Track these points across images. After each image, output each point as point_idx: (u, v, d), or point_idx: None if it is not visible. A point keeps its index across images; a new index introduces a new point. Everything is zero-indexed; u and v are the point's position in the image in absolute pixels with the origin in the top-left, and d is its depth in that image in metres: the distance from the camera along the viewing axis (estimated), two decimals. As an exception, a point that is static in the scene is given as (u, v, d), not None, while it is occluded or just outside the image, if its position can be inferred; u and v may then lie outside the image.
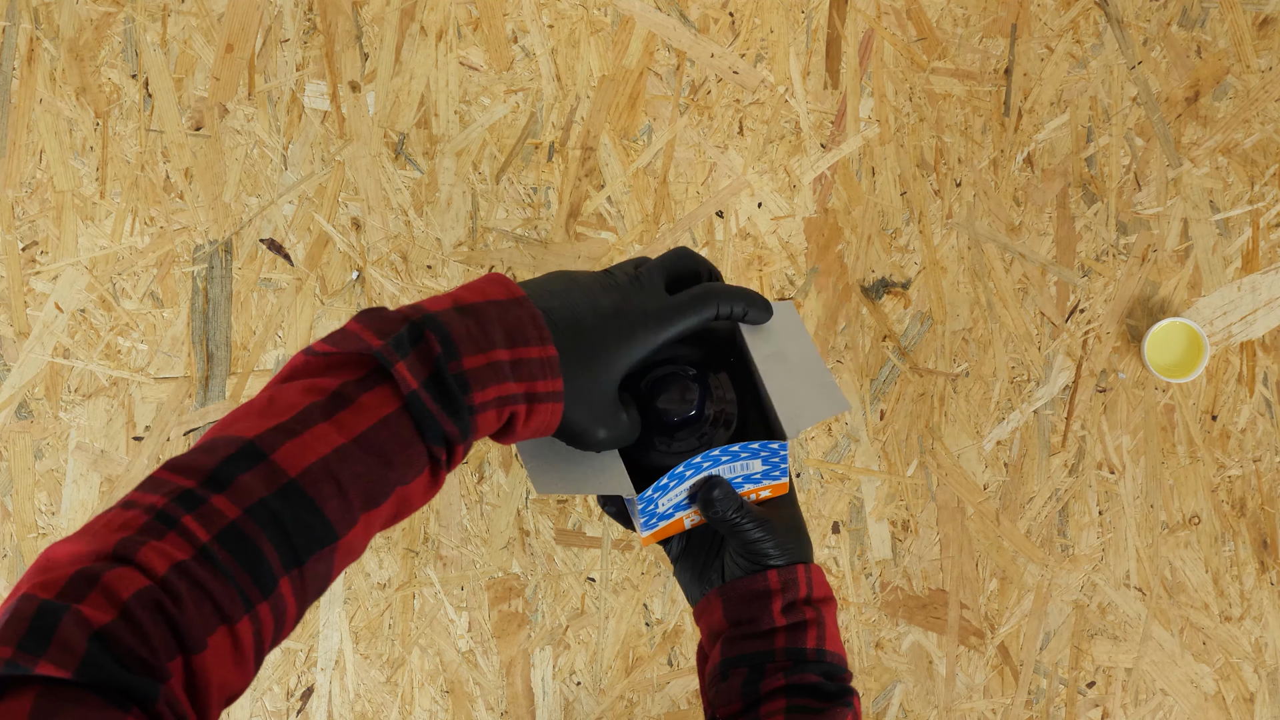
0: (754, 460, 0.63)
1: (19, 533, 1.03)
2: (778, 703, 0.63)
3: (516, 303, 0.55)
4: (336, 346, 0.51)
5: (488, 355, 0.52)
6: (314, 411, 0.49)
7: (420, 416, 0.50)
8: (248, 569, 0.44)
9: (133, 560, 0.42)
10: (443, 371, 0.51)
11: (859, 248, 1.03)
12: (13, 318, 1.04)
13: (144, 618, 0.40)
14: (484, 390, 0.52)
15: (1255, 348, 1.03)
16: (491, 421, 0.53)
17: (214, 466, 0.46)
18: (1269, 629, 1.01)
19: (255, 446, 0.47)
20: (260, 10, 1.06)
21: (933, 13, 1.05)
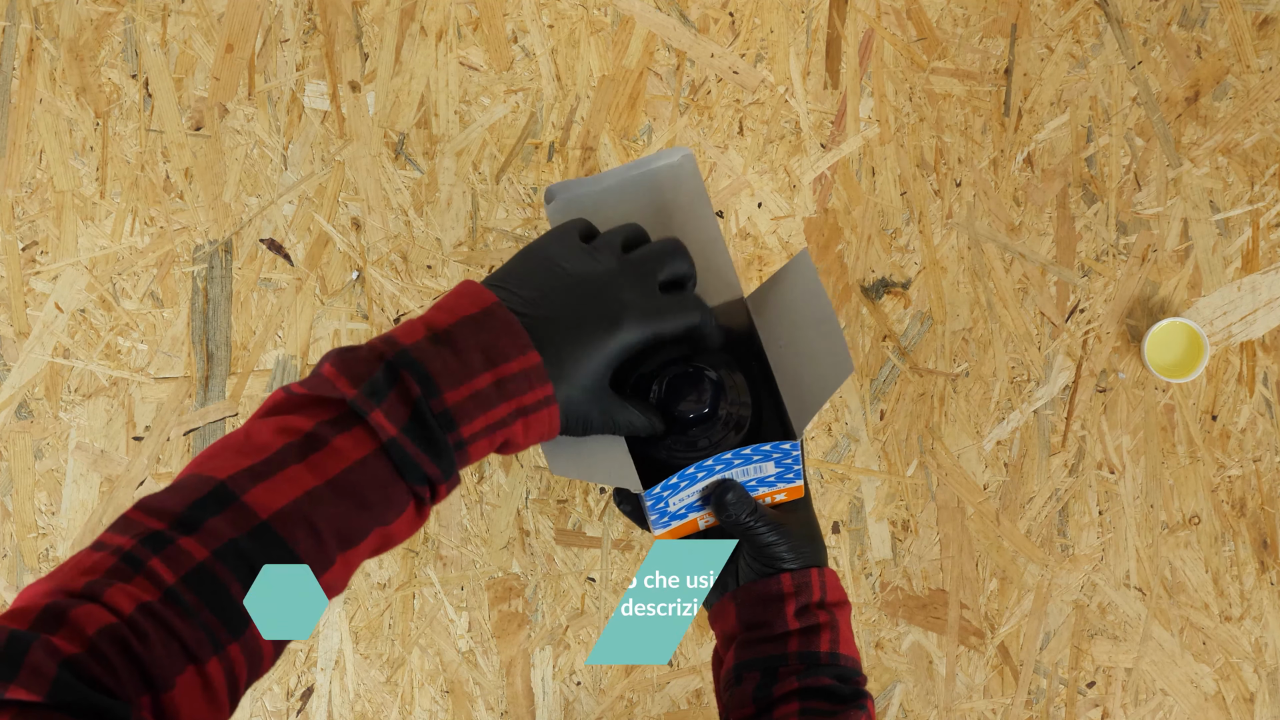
0: (766, 463, 0.63)
1: (19, 533, 1.03)
2: (791, 706, 0.62)
3: (488, 313, 0.53)
4: (311, 390, 0.50)
5: (469, 385, 0.50)
6: (288, 453, 0.48)
7: (400, 460, 0.49)
8: (215, 611, 0.44)
9: (99, 599, 0.42)
10: (424, 413, 0.49)
11: (859, 248, 1.03)
12: (13, 318, 1.04)
13: (110, 652, 0.40)
14: (470, 423, 0.51)
15: (1255, 348, 1.03)
16: (483, 448, 0.52)
17: (183, 508, 0.45)
18: (1269, 629, 1.01)
19: (226, 488, 0.46)
20: (260, 10, 1.06)
21: (933, 13, 1.05)
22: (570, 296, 0.56)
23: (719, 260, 0.68)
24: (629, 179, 0.69)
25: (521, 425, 0.53)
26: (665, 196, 0.69)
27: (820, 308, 0.61)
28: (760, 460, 0.62)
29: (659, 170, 0.70)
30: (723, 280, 0.67)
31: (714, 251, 0.68)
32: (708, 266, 0.66)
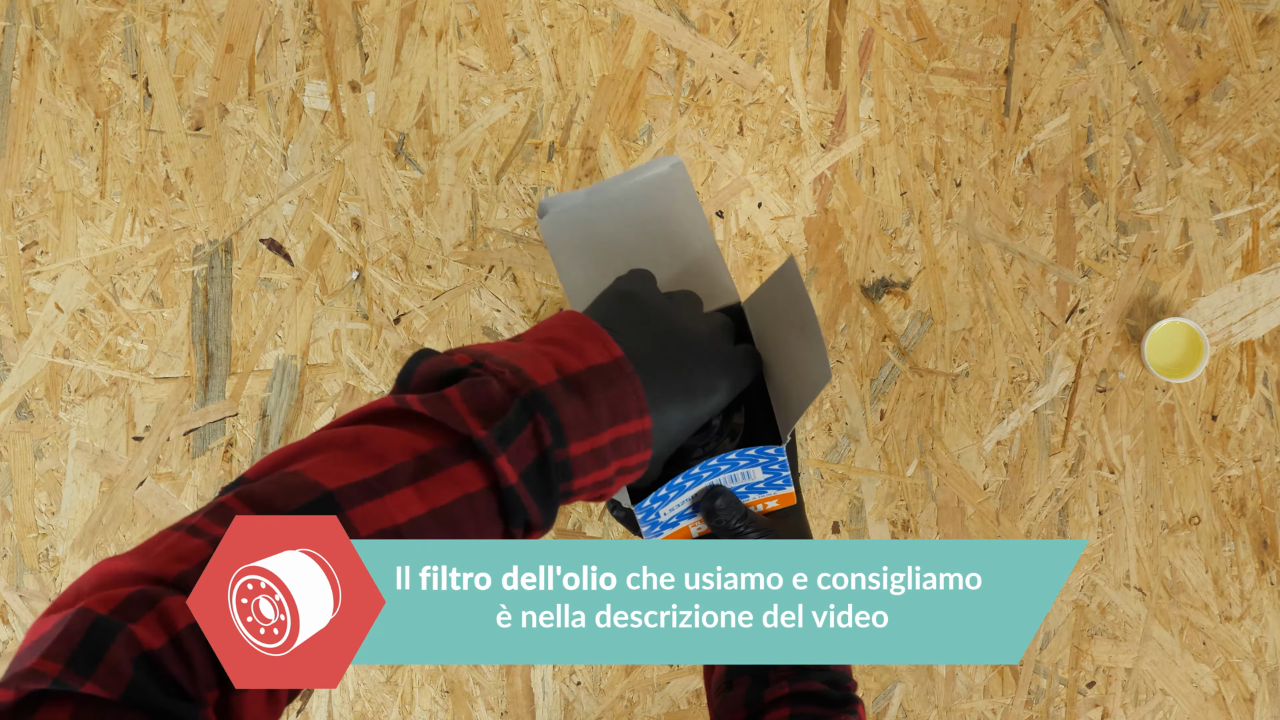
0: (754, 469, 0.63)
1: (19, 533, 1.03)
2: (782, 711, 0.62)
3: (617, 368, 0.52)
4: (433, 413, 0.48)
5: (592, 441, 0.50)
6: (401, 473, 0.46)
7: (511, 505, 0.48)
8: None
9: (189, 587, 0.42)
10: (549, 462, 0.48)
11: (859, 248, 1.03)
12: (13, 318, 1.04)
13: (194, 649, 0.40)
14: (584, 477, 0.50)
15: (1255, 348, 1.03)
16: (582, 499, 0.52)
17: (294, 508, 0.44)
18: (1269, 629, 1.01)
19: (334, 500, 0.45)
20: (260, 10, 1.06)
21: (933, 13, 1.05)
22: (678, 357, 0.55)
23: (715, 267, 0.68)
24: (620, 191, 0.69)
25: (620, 482, 0.53)
26: (658, 207, 0.69)
27: (803, 313, 0.61)
28: (747, 466, 0.62)
29: (650, 180, 0.69)
30: (719, 286, 0.67)
31: (709, 259, 0.68)
32: (703, 273, 0.66)
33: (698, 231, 0.68)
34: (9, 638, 1.03)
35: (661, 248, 0.69)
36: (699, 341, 0.57)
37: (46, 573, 1.03)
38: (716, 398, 0.56)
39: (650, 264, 0.65)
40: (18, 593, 1.03)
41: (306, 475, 0.45)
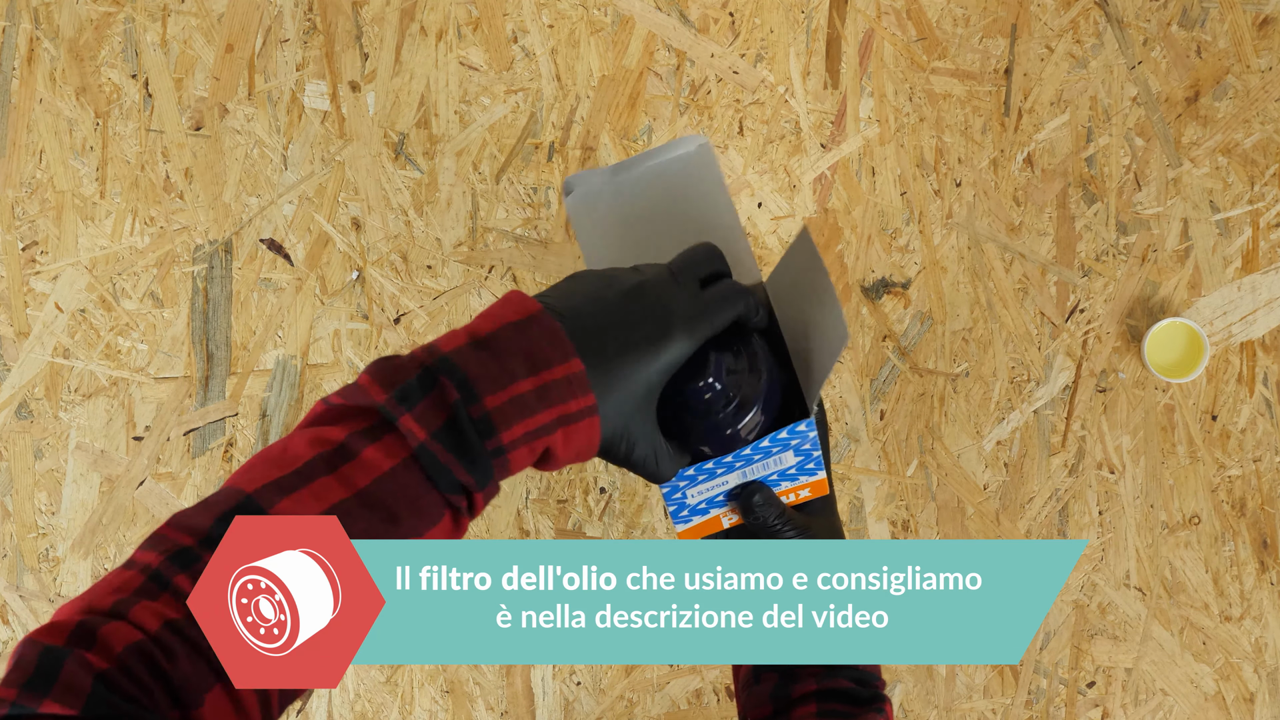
0: (785, 453, 0.62)
1: (19, 533, 1.03)
2: (809, 708, 0.62)
3: (533, 319, 0.51)
4: (347, 400, 0.49)
5: (509, 390, 0.49)
6: (318, 465, 0.47)
7: (431, 468, 0.48)
8: None
9: (126, 617, 0.42)
10: (460, 418, 0.48)
11: (859, 248, 1.03)
12: (13, 318, 1.04)
13: (139, 670, 0.40)
14: (510, 429, 0.49)
15: (1255, 348, 1.03)
16: (524, 457, 0.50)
17: (210, 524, 0.45)
18: (1269, 629, 1.01)
19: (253, 502, 0.46)
20: (260, 10, 1.06)
21: (933, 13, 1.05)
22: (618, 304, 0.53)
23: (737, 246, 0.68)
24: (646, 169, 0.69)
25: (562, 435, 0.51)
26: (683, 185, 0.70)
27: (818, 280, 0.60)
28: (780, 451, 0.61)
29: (676, 159, 0.70)
30: (742, 266, 0.67)
31: (733, 238, 0.68)
32: (726, 253, 0.66)
33: (722, 212, 0.69)
34: (9, 637, 1.03)
35: (686, 226, 0.70)
36: (643, 289, 0.55)
37: (46, 573, 1.03)
38: (674, 343, 0.53)
39: (674, 242, 0.65)
40: (18, 593, 1.03)
41: (230, 487, 0.46)
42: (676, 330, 0.53)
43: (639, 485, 1.03)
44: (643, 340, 0.53)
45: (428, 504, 0.48)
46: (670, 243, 0.66)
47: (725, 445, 0.60)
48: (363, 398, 0.49)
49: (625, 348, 0.52)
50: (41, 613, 1.02)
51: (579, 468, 1.02)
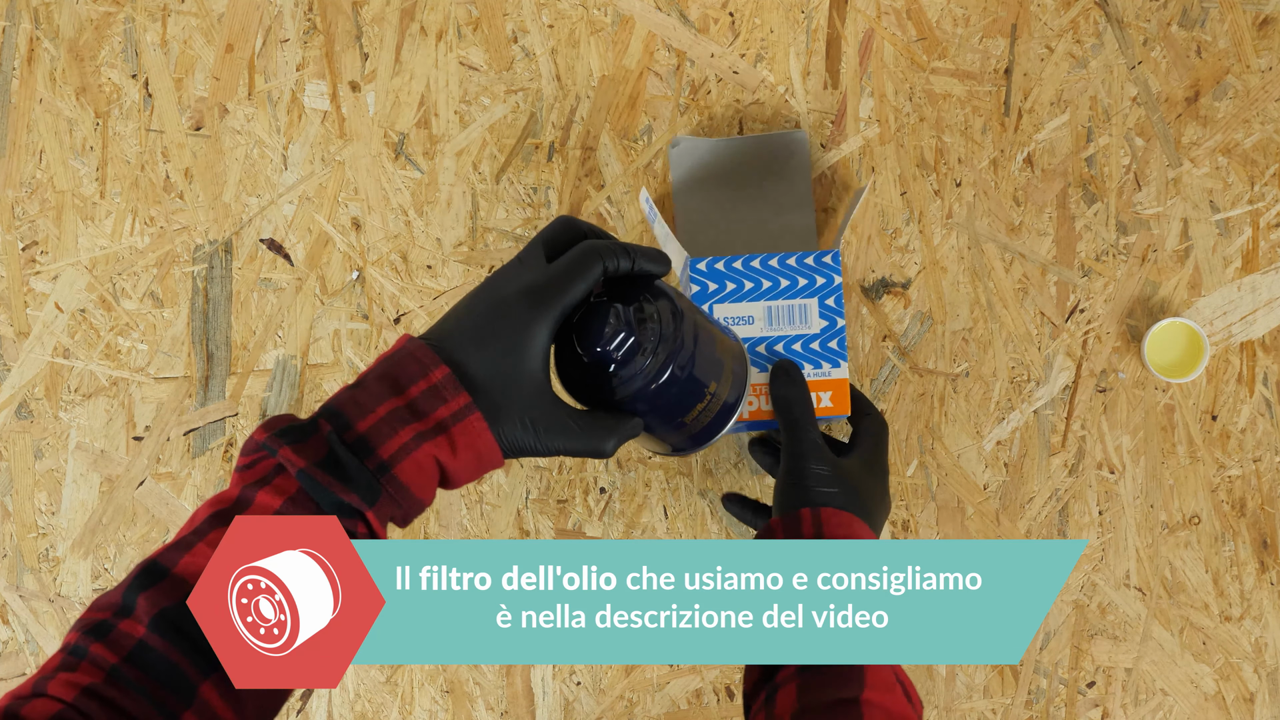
0: (809, 299, 0.63)
1: (19, 533, 1.03)
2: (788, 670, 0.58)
3: (401, 348, 0.53)
4: (241, 455, 0.52)
5: (378, 411, 0.50)
6: (214, 521, 0.48)
7: (313, 490, 0.49)
8: (161, 681, 0.44)
9: (45, 694, 0.43)
10: (334, 445, 0.49)
11: (859, 248, 1.03)
12: (13, 318, 1.04)
13: None
14: (385, 444, 0.50)
15: (1255, 348, 1.03)
16: (413, 470, 0.51)
17: (121, 595, 0.46)
18: (1269, 629, 1.01)
19: (157, 564, 0.47)
20: (260, 10, 1.06)
21: (933, 13, 1.05)
22: (468, 306, 0.54)
23: (805, 236, 0.74)
24: (746, 141, 0.76)
25: (447, 439, 0.51)
26: (774, 159, 0.78)
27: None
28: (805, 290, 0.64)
29: (775, 138, 0.77)
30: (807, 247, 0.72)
31: (802, 214, 0.75)
32: (785, 232, 0.72)
33: (800, 201, 0.75)
34: (8, 637, 1.03)
35: (763, 203, 0.77)
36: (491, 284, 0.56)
37: (46, 573, 1.03)
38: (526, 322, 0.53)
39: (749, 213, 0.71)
40: (18, 593, 1.03)
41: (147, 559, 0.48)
42: (523, 309, 0.53)
43: (639, 485, 1.03)
44: (499, 330, 0.53)
45: None
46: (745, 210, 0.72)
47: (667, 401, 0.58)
48: (250, 444, 0.51)
49: (483, 342, 0.53)
50: (41, 613, 1.03)
51: (579, 468, 1.02)
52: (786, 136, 0.76)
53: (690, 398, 0.57)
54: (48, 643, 1.02)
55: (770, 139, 0.78)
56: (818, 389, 0.67)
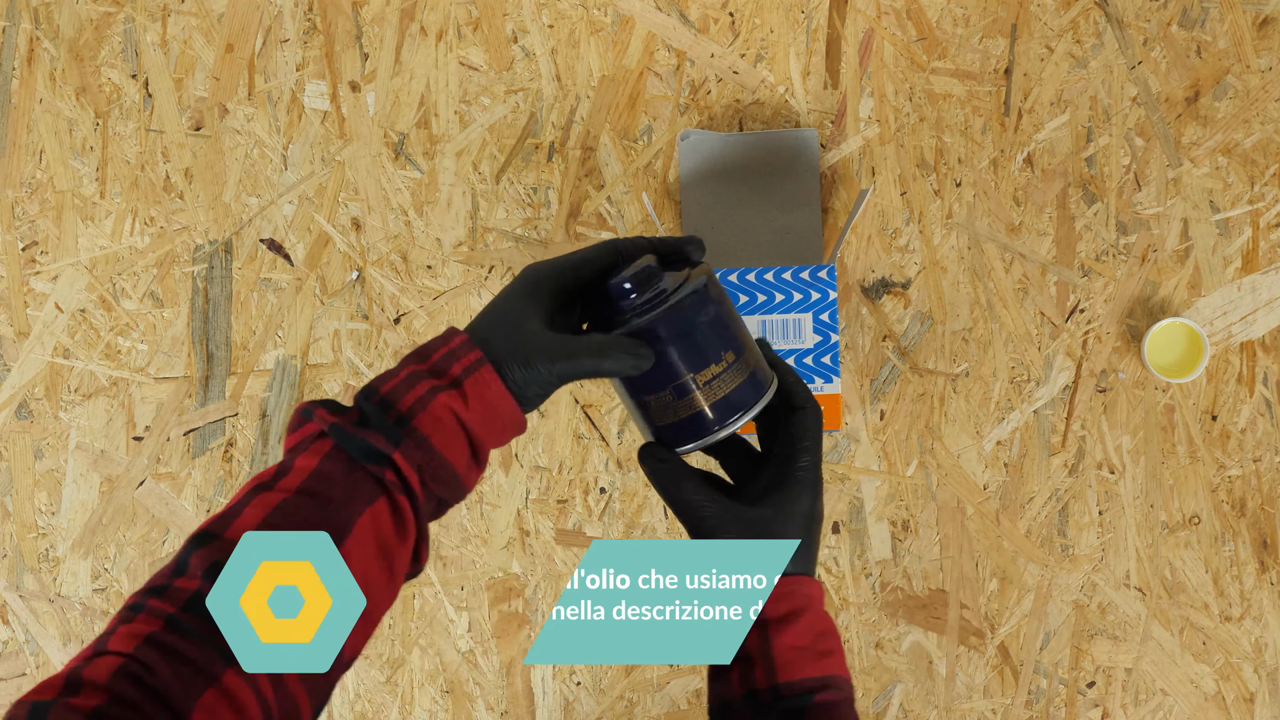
0: (804, 315, 0.63)
1: (19, 533, 1.03)
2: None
3: (438, 335, 0.57)
4: (288, 431, 0.55)
5: (400, 374, 0.55)
6: (256, 490, 0.51)
7: (343, 440, 0.52)
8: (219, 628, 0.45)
9: (105, 650, 0.44)
10: (361, 405, 0.54)
11: (859, 248, 1.03)
12: (13, 318, 1.04)
13: (128, 690, 0.42)
14: (403, 399, 0.54)
15: (1255, 348, 1.03)
16: (431, 422, 0.54)
17: (173, 563, 0.48)
18: (1269, 629, 1.01)
19: (206, 533, 0.49)
20: (260, 10, 1.06)
21: (933, 13, 1.05)
22: (499, 298, 0.59)
23: (810, 233, 0.74)
24: (756, 138, 0.76)
25: (459, 393, 0.55)
26: (781, 157, 0.78)
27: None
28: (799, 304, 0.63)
29: (784, 135, 0.77)
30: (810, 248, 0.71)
31: (808, 212, 0.74)
32: (789, 229, 0.71)
33: (807, 199, 0.75)
34: (8, 637, 1.03)
35: (770, 199, 0.77)
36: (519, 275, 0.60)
37: (46, 573, 1.03)
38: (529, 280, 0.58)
39: (755, 208, 0.71)
40: (18, 593, 1.03)
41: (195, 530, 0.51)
42: (529, 277, 0.58)
43: (639, 485, 1.03)
44: (509, 299, 0.58)
45: (355, 480, 0.52)
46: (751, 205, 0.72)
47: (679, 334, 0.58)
48: (294, 417, 0.55)
49: (496, 311, 0.57)
50: (41, 613, 1.02)
51: (579, 468, 1.02)
52: (795, 134, 0.77)
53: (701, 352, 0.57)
54: (48, 643, 1.02)
55: (779, 136, 0.78)
56: None
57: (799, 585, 0.58)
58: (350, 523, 0.50)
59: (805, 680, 0.56)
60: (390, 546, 0.52)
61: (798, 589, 0.58)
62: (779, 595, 0.57)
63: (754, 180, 0.80)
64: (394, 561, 0.53)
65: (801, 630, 0.57)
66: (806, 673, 0.56)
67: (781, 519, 0.58)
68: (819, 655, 0.57)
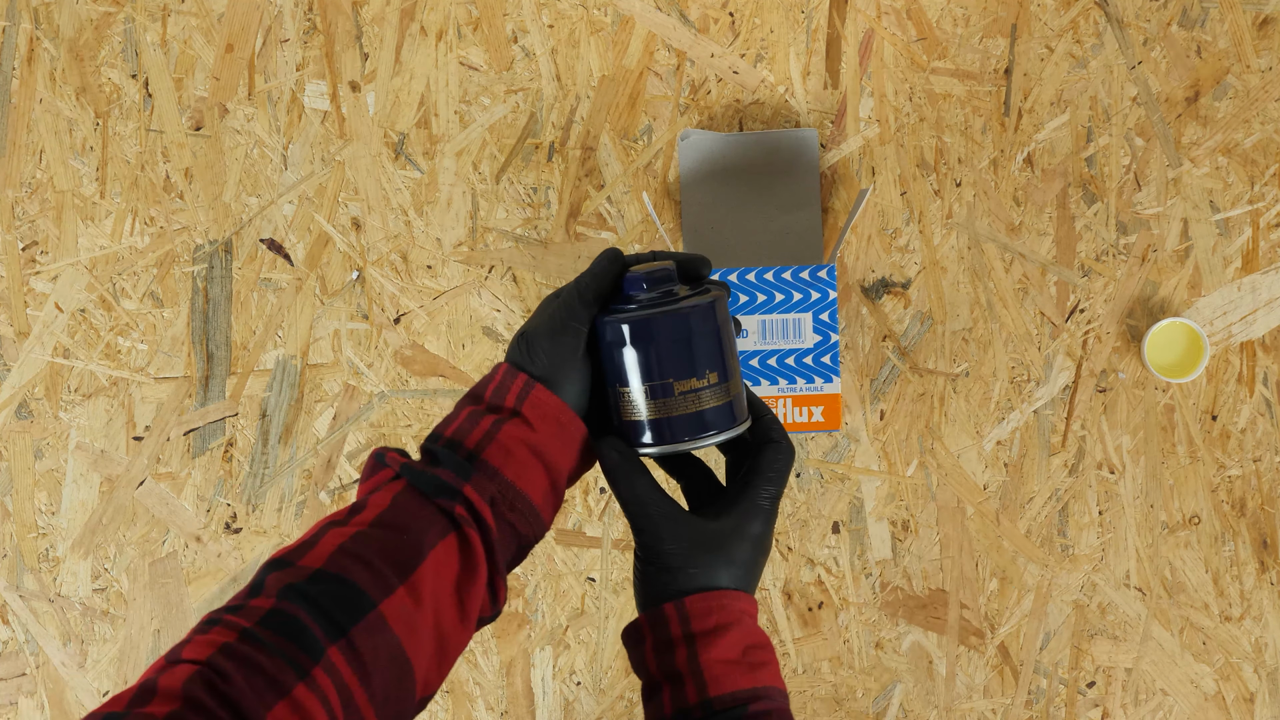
0: (804, 314, 0.63)
1: (19, 533, 1.03)
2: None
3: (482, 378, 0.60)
4: (360, 482, 0.58)
5: (459, 417, 0.58)
6: (329, 526, 0.53)
7: (415, 478, 0.54)
8: (291, 638, 0.47)
9: (180, 659, 0.45)
10: (429, 449, 0.57)
11: (859, 248, 1.03)
12: (13, 318, 1.04)
13: (202, 697, 0.43)
14: (469, 436, 0.56)
15: (1255, 348, 1.03)
16: (501, 453, 0.56)
17: (249, 585, 0.50)
18: (1269, 629, 1.01)
19: (282, 560, 0.51)
20: (260, 10, 1.06)
21: (933, 13, 1.05)
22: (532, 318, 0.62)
23: (811, 232, 0.74)
24: (756, 139, 0.76)
25: (521, 421, 0.57)
26: (781, 157, 0.78)
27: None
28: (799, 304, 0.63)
29: (784, 135, 0.78)
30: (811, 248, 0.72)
31: (808, 212, 0.75)
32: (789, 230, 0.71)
33: (807, 198, 0.76)
34: (9, 637, 1.03)
35: (770, 199, 0.78)
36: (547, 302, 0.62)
37: (46, 573, 1.03)
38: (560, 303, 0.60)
39: (755, 208, 0.72)
40: (18, 593, 1.03)
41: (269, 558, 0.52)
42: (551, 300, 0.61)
43: (639, 485, 1.03)
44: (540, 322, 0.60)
45: (426, 514, 0.53)
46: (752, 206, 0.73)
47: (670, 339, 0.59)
48: (367, 466, 0.58)
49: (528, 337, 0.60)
50: (41, 613, 1.03)
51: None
52: (795, 134, 0.77)
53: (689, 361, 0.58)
54: (48, 643, 1.02)
55: (779, 136, 0.78)
56: (809, 403, 0.67)
57: (730, 600, 0.56)
58: (421, 554, 0.52)
59: (737, 693, 0.54)
60: (461, 581, 0.53)
61: (729, 604, 0.56)
62: (708, 610, 0.56)
63: (754, 180, 0.80)
64: (466, 597, 0.53)
65: (730, 644, 0.55)
66: (738, 685, 0.55)
67: (733, 537, 0.57)
68: (751, 667, 0.55)
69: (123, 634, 1.02)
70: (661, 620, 0.56)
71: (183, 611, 1.02)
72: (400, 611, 0.50)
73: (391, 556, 0.50)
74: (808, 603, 1.02)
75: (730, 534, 0.57)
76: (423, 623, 0.51)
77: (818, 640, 1.02)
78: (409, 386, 1.04)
